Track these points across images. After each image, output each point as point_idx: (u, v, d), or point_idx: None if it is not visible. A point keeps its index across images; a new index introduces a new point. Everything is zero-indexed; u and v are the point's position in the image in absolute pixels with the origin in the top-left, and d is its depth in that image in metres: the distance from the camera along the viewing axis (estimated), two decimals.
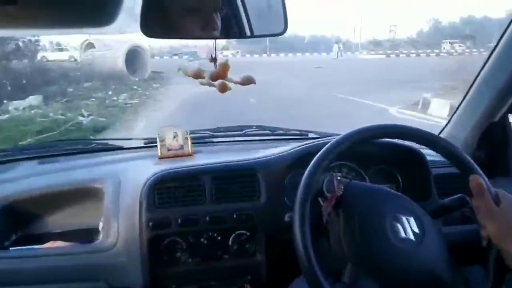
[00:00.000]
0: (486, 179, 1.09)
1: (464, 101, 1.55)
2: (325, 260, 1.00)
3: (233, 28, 0.97)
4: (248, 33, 0.99)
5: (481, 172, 1.09)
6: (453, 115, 1.62)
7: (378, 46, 41.02)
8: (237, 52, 39.28)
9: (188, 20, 0.91)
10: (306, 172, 1.04)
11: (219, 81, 0.92)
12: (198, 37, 1.02)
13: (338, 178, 1.05)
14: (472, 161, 1.10)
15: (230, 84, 0.98)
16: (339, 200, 1.03)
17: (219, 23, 0.92)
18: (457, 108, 1.59)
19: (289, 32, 1.01)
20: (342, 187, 1.04)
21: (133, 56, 15.50)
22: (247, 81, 1.02)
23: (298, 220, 0.99)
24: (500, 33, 1.38)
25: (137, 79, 14.98)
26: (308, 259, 0.96)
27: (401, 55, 33.13)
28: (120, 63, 14.96)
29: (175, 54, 32.51)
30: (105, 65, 14.80)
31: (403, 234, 1.01)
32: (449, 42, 36.42)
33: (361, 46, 41.99)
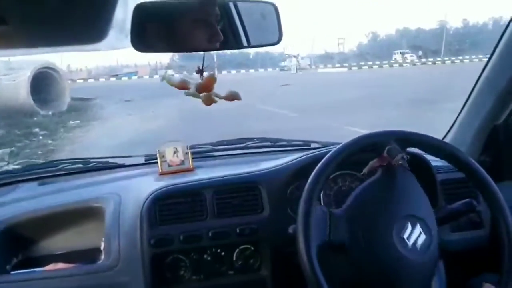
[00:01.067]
0: (493, 183, 1.08)
1: (467, 104, 1.54)
2: (331, 271, 0.99)
3: (230, 39, 0.97)
4: (245, 43, 0.99)
5: (487, 176, 1.09)
6: (456, 119, 1.60)
7: (330, 59, 41.62)
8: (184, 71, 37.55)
9: (192, 32, 0.91)
10: (308, 183, 1.04)
11: (205, 93, 0.92)
12: (201, 49, 1.00)
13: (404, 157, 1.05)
14: (477, 165, 1.10)
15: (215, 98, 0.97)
16: (386, 167, 1.04)
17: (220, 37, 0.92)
18: (460, 111, 1.57)
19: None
20: (401, 162, 1.03)
21: (43, 82, 11.13)
22: (232, 96, 1.01)
23: (301, 232, 0.98)
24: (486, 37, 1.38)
25: (50, 113, 10.70)
26: (313, 270, 0.95)
27: (363, 67, 32.98)
28: (24, 93, 10.44)
29: (114, 75, 31.12)
30: (5, 95, 10.16)
31: (410, 244, 1.00)
32: (400, 53, 37.13)
33: (313, 60, 41.30)
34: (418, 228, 1.01)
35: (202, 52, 0.95)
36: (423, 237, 1.01)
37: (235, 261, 1.30)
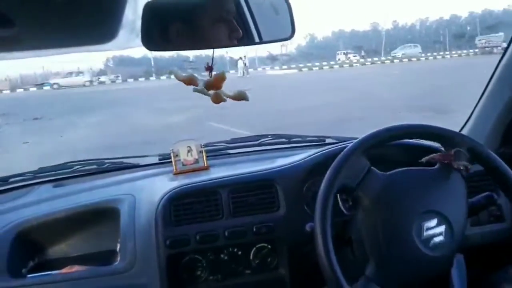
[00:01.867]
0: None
1: (483, 96, 1.51)
2: (349, 269, 0.98)
3: (244, 35, 0.95)
4: (257, 39, 0.97)
5: (507, 167, 1.07)
6: (473, 111, 1.56)
7: (275, 60, 40.58)
8: (117, 76, 34.05)
9: (210, 29, 0.89)
10: (325, 179, 1.02)
11: (214, 91, 0.90)
12: (220, 46, 0.99)
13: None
14: (497, 157, 1.08)
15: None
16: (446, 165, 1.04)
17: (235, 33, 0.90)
18: (477, 103, 1.54)
19: (172, 52, 0.97)
20: (463, 168, 1.03)
21: None
22: (240, 96, 0.99)
23: (319, 229, 0.97)
24: None
25: None
26: (331, 267, 0.94)
27: (314, 68, 32.16)
28: None
29: (38, 85, 29.64)
30: None
31: (434, 242, 1.00)
32: (343, 53, 37.10)
33: (258, 61, 39.85)
34: (440, 224, 1.00)
35: (144, 55, 0.94)
36: (443, 232, 1.01)
37: (252, 260, 1.29)
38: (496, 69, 1.45)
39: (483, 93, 1.51)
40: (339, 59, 33.97)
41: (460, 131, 1.57)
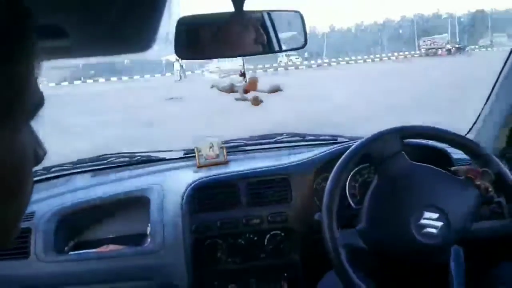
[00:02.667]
0: (509, 175, 1.12)
1: (489, 99, 1.57)
2: (354, 255, 1.06)
3: (265, 44, 1.07)
4: (277, 48, 1.09)
5: (505, 169, 1.13)
6: (479, 114, 1.63)
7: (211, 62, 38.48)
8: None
9: (237, 38, 1.02)
10: (331, 175, 1.12)
11: (252, 94, 1.03)
12: (247, 54, 1.12)
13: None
14: (494, 157, 1.13)
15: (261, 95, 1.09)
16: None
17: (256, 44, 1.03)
18: (484, 106, 1.60)
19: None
20: (484, 186, 1.09)
21: None
22: (274, 89, 1.13)
23: (326, 218, 1.07)
24: None
25: None
26: (337, 254, 1.03)
27: (258, 71, 30.77)
28: None
29: None
30: None
31: (430, 232, 1.06)
32: (285, 55, 36.26)
33: (198, 62, 36.99)
34: (439, 220, 1.07)
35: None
36: (439, 227, 1.06)
37: (267, 245, 1.42)
38: (502, 71, 1.50)
39: (489, 96, 1.56)
40: (280, 61, 33.57)
41: (467, 133, 1.64)
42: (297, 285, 1.47)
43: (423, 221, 1.07)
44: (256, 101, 1.07)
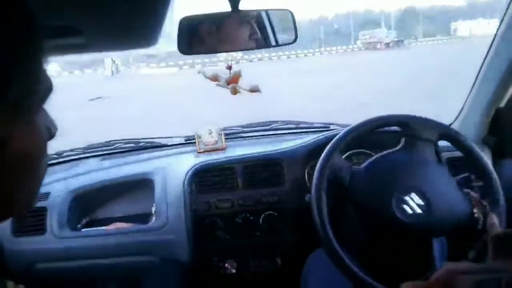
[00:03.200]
0: (487, 161, 1.18)
1: (473, 89, 1.63)
2: (344, 235, 1.13)
3: (259, 40, 1.16)
4: (271, 43, 1.19)
5: (481, 154, 1.19)
6: (464, 103, 1.70)
7: (153, 57, 35.84)
8: None
9: (234, 34, 1.12)
10: (321, 156, 1.19)
11: (232, 85, 1.15)
12: (242, 49, 1.22)
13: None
14: (473, 144, 1.20)
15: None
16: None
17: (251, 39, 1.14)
18: (468, 96, 1.67)
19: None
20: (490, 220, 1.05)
21: None
22: (254, 89, 1.24)
23: (314, 198, 1.13)
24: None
25: None
26: (324, 230, 1.09)
27: (196, 66, 28.08)
28: None
29: None
30: None
31: (410, 211, 1.11)
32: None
33: (134, 57, 35.27)
34: (417, 198, 1.11)
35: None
36: (420, 203, 1.11)
37: (261, 224, 1.54)
38: (484, 62, 1.55)
39: (473, 85, 1.63)
40: (220, 55, 33.18)
41: (454, 121, 1.72)
42: (290, 261, 1.59)
43: (404, 200, 1.11)
44: (235, 91, 1.18)
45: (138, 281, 1.51)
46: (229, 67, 1.25)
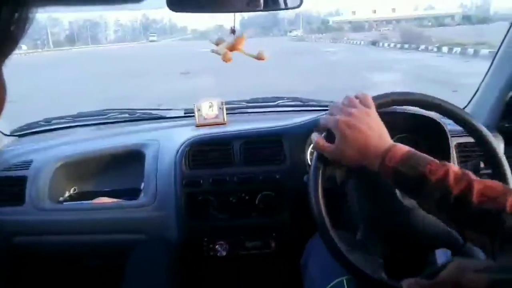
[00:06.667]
0: (498, 147, 1.06)
1: (487, 75, 1.55)
2: (341, 219, 1.05)
3: (252, 2, 1.04)
4: (267, 6, 1.05)
5: (493, 139, 1.06)
6: (478, 88, 1.62)
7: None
8: None
9: None
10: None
11: (226, 52, 1.02)
12: (226, 11, 1.09)
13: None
14: (485, 129, 1.07)
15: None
16: None
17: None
18: (482, 80, 1.59)
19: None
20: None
21: None
22: (260, 56, 1.11)
23: (312, 179, 1.03)
24: None
25: None
26: (319, 213, 1.00)
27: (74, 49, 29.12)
28: None
29: None
30: None
31: None
32: None
33: None
34: None
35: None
36: None
37: (258, 204, 1.42)
38: (500, 48, 1.49)
39: (487, 71, 1.55)
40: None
41: (466, 106, 1.62)
42: (285, 245, 1.47)
43: None
44: (228, 58, 1.04)
45: (123, 260, 1.40)
46: (233, 31, 1.10)
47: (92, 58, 24.37)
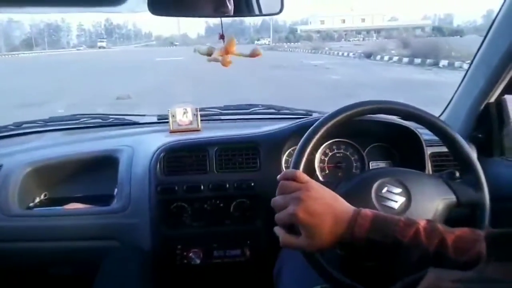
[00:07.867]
0: (473, 155, 1.08)
1: (462, 83, 1.59)
2: None
3: (241, 7, 1.06)
4: (250, 12, 1.10)
5: (469, 149, 1.08)
6: (452, 97, 1.65)
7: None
8: None
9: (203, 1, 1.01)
10: (299, 145, 1.09)
11: (224, 56, 1.04)
12: (209, 16, 1.10)
13: None
14: (460, 139, 1.09)
15: (232, 58, 1.09)
16: None
17: (230, 4, 1.03)
18: (456, 90, 1.63)
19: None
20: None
21: None
22: (254, 53, 1.13)
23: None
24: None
25: None
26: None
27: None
28: None
29: None
30: None
31: (391, 203, 1.01)
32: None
33: None
34: (398, 191, 1.02)
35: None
36: (399, 202, 1.02)
37: (232, 212, 1.43)
38: (474, 59, 1.52)
39: (462, 81, 1.58)
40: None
41: (441, 114, 1.66)
42: (260, 253, 1.48)
43: (384, 191, 1.02)
44: (227, 61, 1.06)
45: (94, 267, 1.38)
46: (222, 37, 1.12)
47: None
